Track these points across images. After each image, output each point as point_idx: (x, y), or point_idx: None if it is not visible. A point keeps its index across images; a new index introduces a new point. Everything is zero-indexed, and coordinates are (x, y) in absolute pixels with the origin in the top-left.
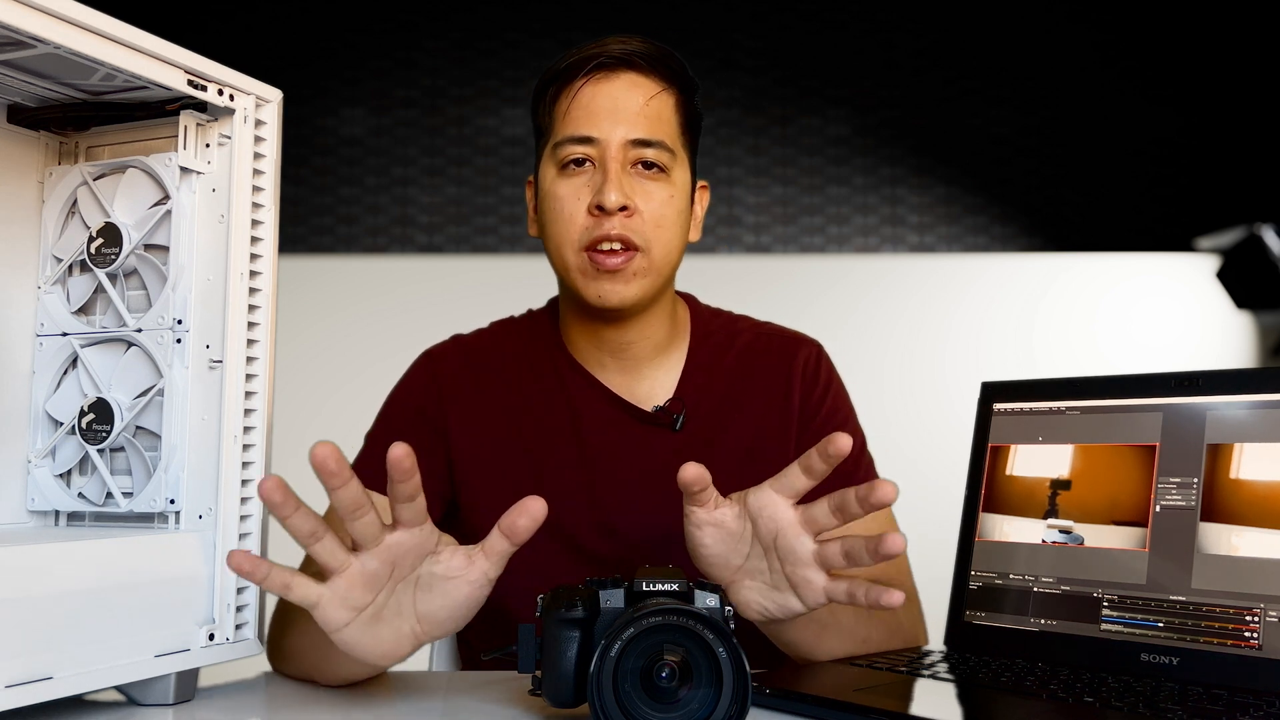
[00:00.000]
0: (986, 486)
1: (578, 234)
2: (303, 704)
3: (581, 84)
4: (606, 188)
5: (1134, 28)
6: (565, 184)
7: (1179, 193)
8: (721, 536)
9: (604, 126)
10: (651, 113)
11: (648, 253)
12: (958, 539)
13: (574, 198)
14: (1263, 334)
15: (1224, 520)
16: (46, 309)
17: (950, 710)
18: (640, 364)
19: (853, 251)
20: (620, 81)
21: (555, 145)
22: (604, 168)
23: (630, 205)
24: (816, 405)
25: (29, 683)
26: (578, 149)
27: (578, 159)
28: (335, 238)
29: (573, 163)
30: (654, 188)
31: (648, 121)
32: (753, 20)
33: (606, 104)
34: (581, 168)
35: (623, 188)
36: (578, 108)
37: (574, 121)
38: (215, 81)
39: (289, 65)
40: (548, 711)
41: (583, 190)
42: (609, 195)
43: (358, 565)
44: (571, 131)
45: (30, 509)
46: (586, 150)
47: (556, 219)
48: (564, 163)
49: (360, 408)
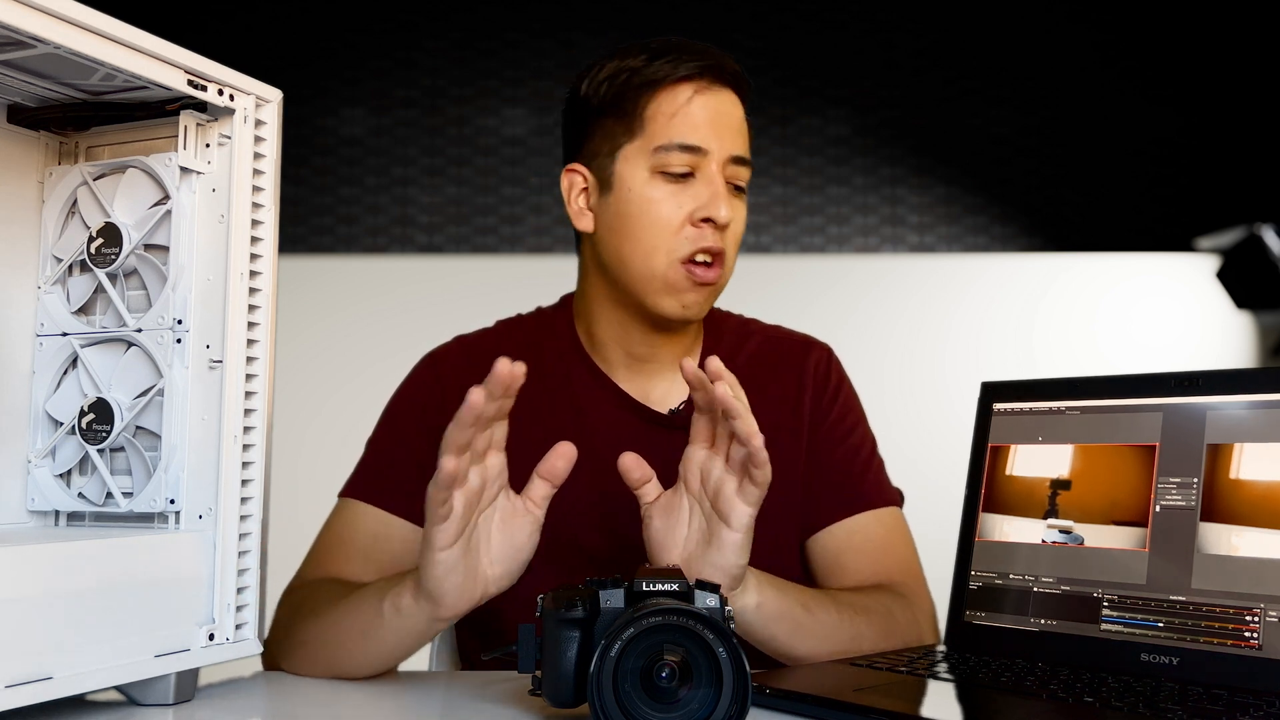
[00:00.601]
0: (986, 486)
1: (675, 243)
2: (303, 704)
3: (693, 92)
4: (718, 202)
5: (1134, 28)
6: (664, 189)
7: (1179, 193)
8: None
9: (711, 139)
10: (744, 133)
11: (727, 268)
12: (958, 539)
13: (674, 205)
14: (1263, 334)
15: (1224, 520)
16: (46, 309)
17: (950, 710)
18: (663, 368)
19: (853, 251)
20: (725, 96)
21: (657, 149)
22: (711, 181)
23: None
24: (827, 407)
25: (29, 683)
26: (686, 158)
27: (682, 171)
28: (335, 238)
29: (673, 170)
30: (739, 205)
31: (744, 141)
32: (753, 20)
33: (714, 116)
34: (681, 177)
35: (729, 203)
36: (690, 117)
37: (684, 130)
38: (215, 81)
39: (289, 65)
40: (548, 711)
41: (683, 198)
42: (721, 210)
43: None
44: (681, 139)
45: (30, 509)
46: (694, 161)
47: (652, 224)
48: (665, 168)
49: (360, 408)
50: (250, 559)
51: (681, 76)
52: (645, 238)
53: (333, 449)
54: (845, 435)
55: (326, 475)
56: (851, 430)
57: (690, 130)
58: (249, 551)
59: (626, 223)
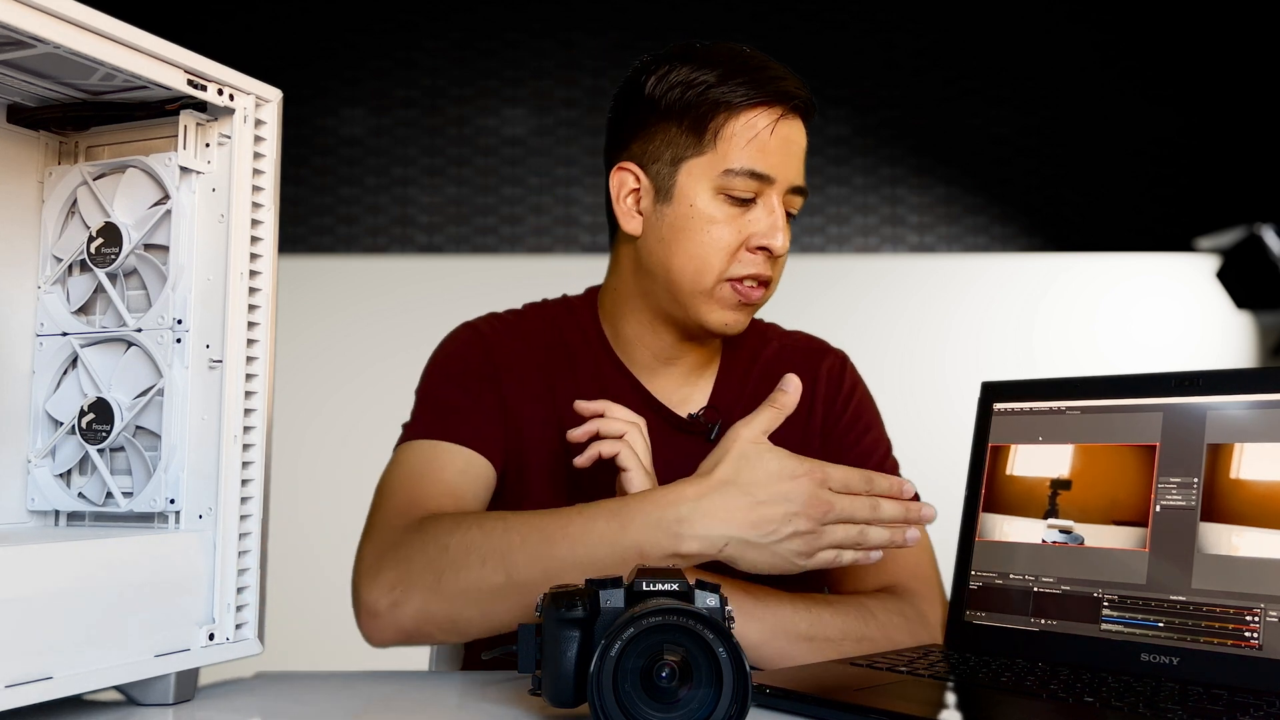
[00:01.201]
0: (987, 486)
1: (727, 264)
2: (303, 704)
3: (775, 120)
4: (776, 233)
5: (1134, 28)
6: (726, 210)
7: (1179, 193)
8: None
9: (780, 169)
10: (804, 163)
11: (771, 289)
12: (958, 539)
13: (733, 228)
14: (1263, 334)
15: (1224, 520)
16: (46, 309)
17: (950, 710)
18: (686, 372)
19: (853, 251)
20: (795, 127)
21: (727, 171)
22: (772, 209)
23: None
24: (839, 413)
25: (29, 683)
26: (754, 184)
27: (747, 197)
28: (335, 238)
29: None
30: (789, 230)
31: (803, 171)
32: (753, 20)
33: (785, 147)
34: (745, 202)
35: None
36: (765, 144)
37: (758, 157)
38: (215, 81)
39: (289, 65)
40: (548, 711)
41: (742, 222)
42: (778, 239)
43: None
44: (754, 166)
45: (30, 509)
46: (759, 188)
47: (709, 243)
48: (730, 191)
49: (360, 408)
50: (250, 559)
51: (760, 101)
52: (700, 254)
53: (333, 449)
54: (858, 440)
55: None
56: (863, 435)
57: (763, 159)
58: (249, 551)
59: (681, 236)
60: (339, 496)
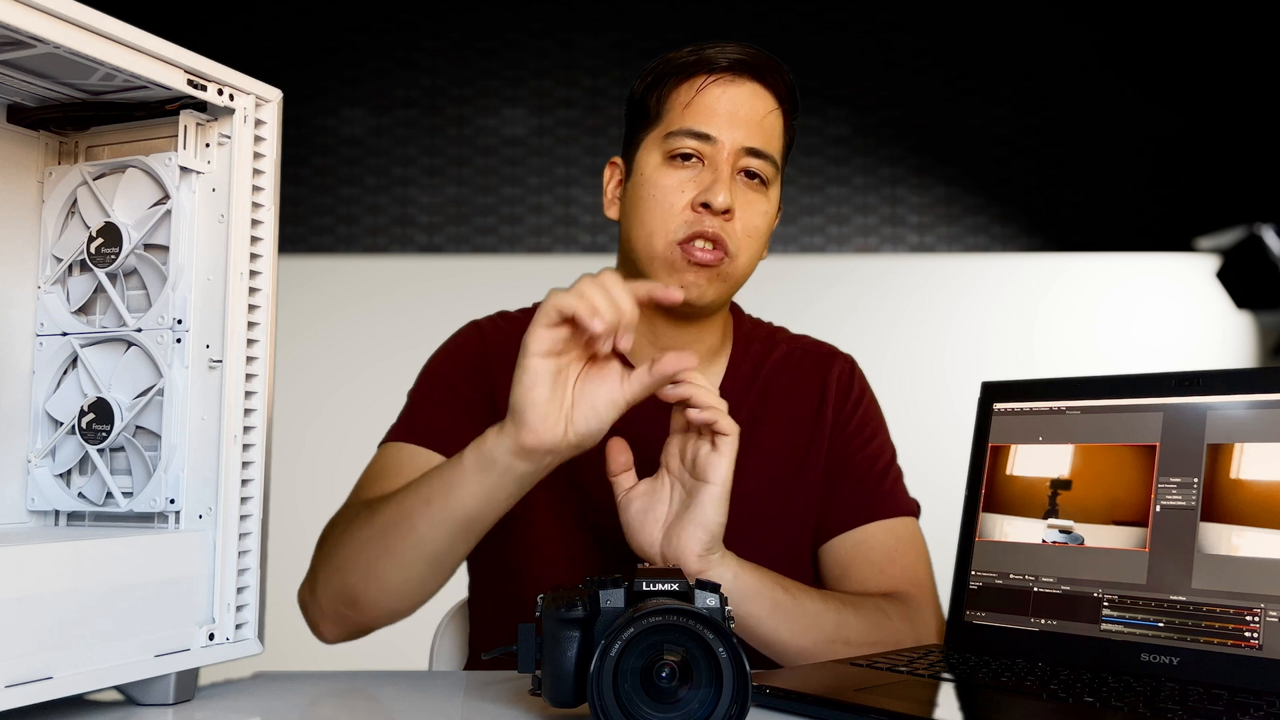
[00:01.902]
0: (986, 486)
1: (675, 226)
2: (302, 704)
3: (708, 81)
4: (716, 188)
5: (1134, 28)
6: (671, 174)
7: (1179, 193)
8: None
9: (723, 128)
10: (768, 126)
11: (735, 259)
12: (958, 539)
13: (677, 190)
14: (1263, 334)
15: (1224, 520)
16: (46, 309)
17: (950, 710)
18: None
19: (853, 251)
20: (745, 89)
21: (669, 135)
22: (715, 168)
23: (732, 210)
24: (847, 417)
25: (29, 683)
26: (692, 143)
27: (687, 153)
28: (335, 238)
29: (681, 156)
30: (754, 198)
31: (763, 133)
32: (753, 20)
33: (729, 107)
34: (688, 162)
35: (730, 191)
36: (701, 104)
37: (694, 116)
38: (215, 81)
39: (289, 65)
40: (548, 711)
41: (687, 184)
42: (718, 195)
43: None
44: (690, 125)
45: (30, 509)
46: (700, 147)
47: (655, 207)
48: (673, 154)
49: (360, 408)
50: (250, 559)
51: (700, 67)
52: (649, 220)
53: (333, 449)
54: (863, 445)
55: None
56: (869, 440)
57: (703, 118)
58: (249, 551)
59: (636, 206)
60: (339, 497)
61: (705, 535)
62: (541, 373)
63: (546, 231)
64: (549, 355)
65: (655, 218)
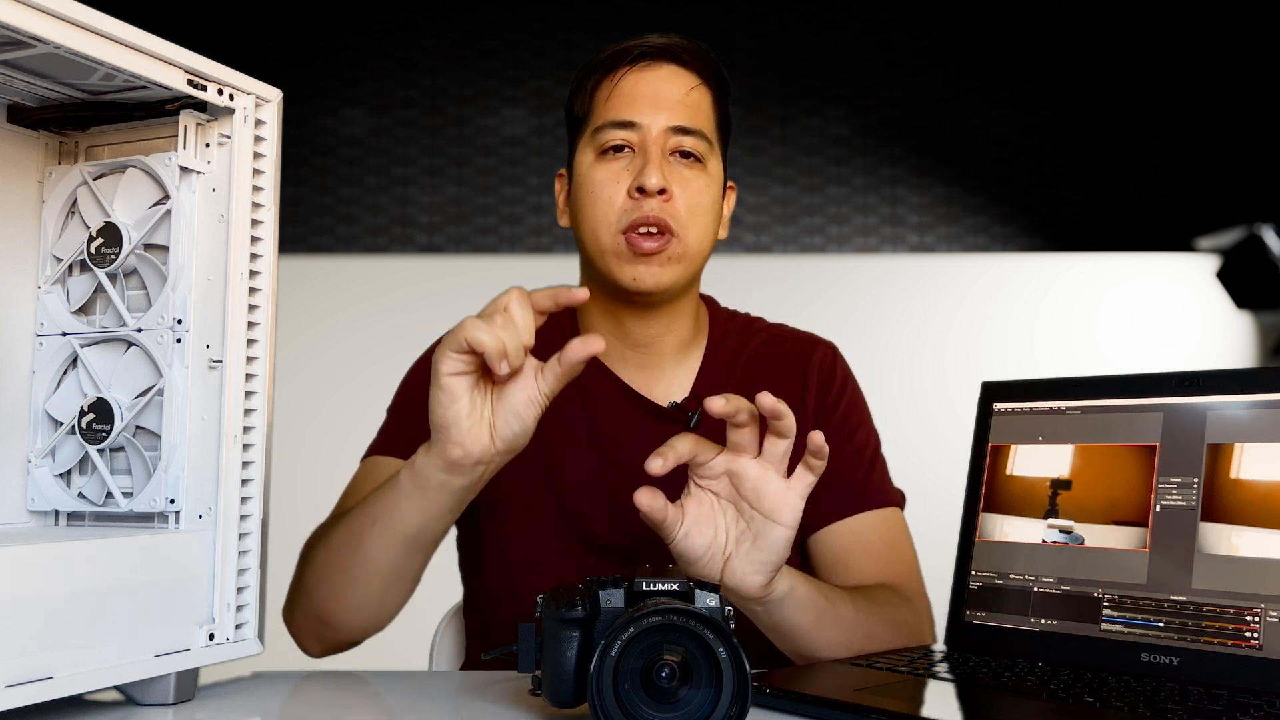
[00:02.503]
0: (986, 486)
1: (615, 216)
2: (302, 704)
3: (624, 72)
4: (647, 170)
5: (1134, 28)
6: (604, 168)
7: (1179, 193)
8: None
9: (646, 113)
10: (691, 103)
11: (683, 239)
12: (958, 539)
13: (613, 182)
14: (1263, 334)
15: (1224, 520)
16: (46, 309)
17: (950, 710)
18: (662, 360)
19: (853, 251)
20: (662, 71)
21: (595, 130)
22: (644, 152)
23: (668, 190)
24: (832, 405)
25: (29, 683)
26: (619, 134)
27: (618, 145)
28: (335, 238)
29: (612, 149)
30: (691, 175)
31: (688, 110)
32: (753, 20)
33: (648, 91)
34: (620, 154)
35: (663, 171)
36: (620, 94)
37: (616, 107)
38: (215, 81)
39: (289, 65)
40: (548, 711)
41: (622, 175)
42: (650, 177)
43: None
44: (613, 116)
45: (30, 509)
46: (627, 136)
47: (594, 202)
48: (604, 148)
49: (360, 408)
50: (250, 559)
51: (614, 61)
52: (591, 215)
53: (333, 449)
54: (850, 434)
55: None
56: (856, 429)
57: (624, 107)
58: (249, 551)
59: (579, 206)
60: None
61: (771, 570)
62: (456, 390)
63: (546, 231)
64: (460, 375)
65: (596, 212)
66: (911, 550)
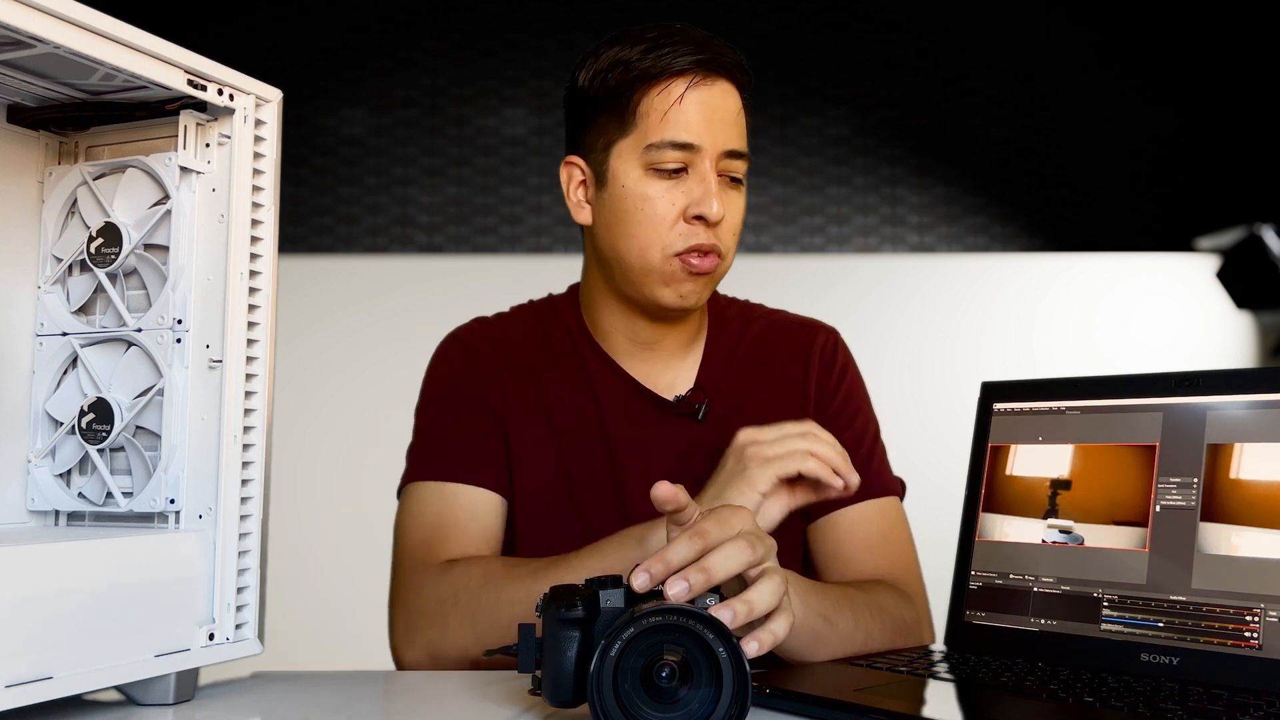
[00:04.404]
0: (986, 486)
1: (670, 240)
2: (302, 704)
3: (685, 88)
4: (709, 199)
5: (1134, 28)
6: (656, 185)
7: (1179, 193)
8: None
9: (704, 135)
10: (741, 125)
11: (725, 259)
12: (958, 539)
13: (667, 201)
14: (1263, 334)
15: (1224, 520)
16: (46, 309)
17: (950, 710)
18: (669, 355)
19: (853, 251)
20: (718, 89)
21: (650, 147)
22: (702, 177)
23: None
24: (834, 390)
25: (29, 683)
26: (678, 154)
27: (675, 168)
28: (335, 238)
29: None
30: (734, 197)
31: (739, 133)
32: (753, 20)
33: (707, 112)
34: (674, 174)
35: (721, 200)
36: (681, 113)
37: (675, 127)
38: (215, 81)
39: (289, 65)
40: (548, 711)
41: (676, 195)
42: (713, 207)
43: None
44: (672, 137)
45: (30, 509)
46: (686, 158)
47: (646, 221)
48: (658, 165)
49: (360, 408)
50: (250, 559)
51: (676, 71)
52: (640, 234)
53: (333, 449)
54: (850, 421)
55: (326, 475)
56: (856, 416)
57: (683, 128)
58: (249, 551)
59: (621, 219)
60: (339, 496)
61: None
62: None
63: (546, 231)
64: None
65: (648, 232)
66: (910, 542)
